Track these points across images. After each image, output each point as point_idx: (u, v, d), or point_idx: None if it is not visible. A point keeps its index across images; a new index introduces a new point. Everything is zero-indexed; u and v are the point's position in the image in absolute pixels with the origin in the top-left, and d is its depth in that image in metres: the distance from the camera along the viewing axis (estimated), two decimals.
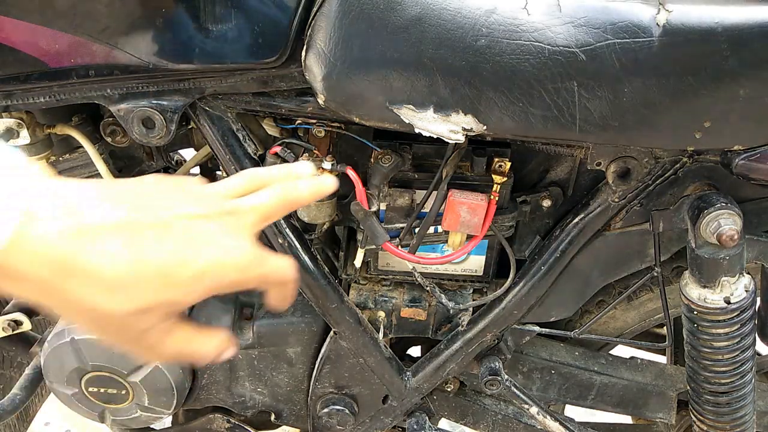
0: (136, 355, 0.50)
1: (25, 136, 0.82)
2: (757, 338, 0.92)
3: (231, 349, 0.54)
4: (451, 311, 0.99)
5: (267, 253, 0.51)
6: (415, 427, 1.06)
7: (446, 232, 0.88)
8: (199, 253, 0.47)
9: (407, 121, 0.71)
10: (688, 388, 0.93)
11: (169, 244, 0.46)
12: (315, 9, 0.69)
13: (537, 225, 0.92)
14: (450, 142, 0.72)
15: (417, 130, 0.72)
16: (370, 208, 0.83)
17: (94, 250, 0.42)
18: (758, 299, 0.93)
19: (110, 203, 0.45)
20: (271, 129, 0.86)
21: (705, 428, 0.93)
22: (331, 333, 0.98)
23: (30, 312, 1.03)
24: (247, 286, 0.51)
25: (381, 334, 0.99)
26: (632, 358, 1.11)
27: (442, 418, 1.14)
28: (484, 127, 0.71)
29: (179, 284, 0.46)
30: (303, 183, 0.57)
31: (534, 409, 1.03)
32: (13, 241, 0.40)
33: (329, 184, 0.60)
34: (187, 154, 1.03)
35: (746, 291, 0.81)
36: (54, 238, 0.41)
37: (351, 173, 0.81)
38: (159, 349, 0.49)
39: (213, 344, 0.52)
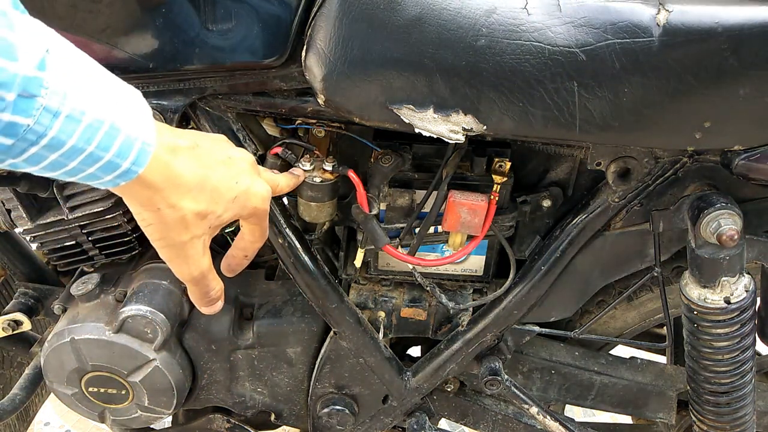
0: (178, 266, 0.66)
1: None
2: (757, 338, 0.92)
3: (220, 304, 0.75)
4: (451, 311, 0.99)
5: None
6: (415, 427, 1.06)
7: (446, 233, 0.88)
8: (239, 181, 0.65)
9: (407, 121, 0.71)
10: (688, 388, 0.93)
11: (219, 171, 0.64)
12: (315, 9, 0.69)
13: (537, 225, 0.92)
14: (450, 142, 0.72)
15: (417, 130, 0.72)
16: (370, 211, 0.83)
17: (180, 163, 0.59)
18: (758, 299, 0.92)
19: (185, 137, 0.61)
20: (271, 129, 0.86)
21: (705, 428, 0.93)
22: (331, 333, 0.98)
23: (30, 312, 1.03)
24: (258, 215, 0.70)
25: (381, 334, 0.99)
26: (632, 358, 1.11)
27: (442, 418, 1.14)
28: (484, 127, 0.71)
29: (223, 201, 0.64)
30: (280, 177, 0.77)
31: (534, 409, 1.03)
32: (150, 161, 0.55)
33: (298, 173, 0.81)
34: None
35: (746, 291, 0.81)
36: (160, 154, 0.56)
37: (352, 176, 0.81)
38: (196, 261, 0.66)
39: (219, 285, 0.72)
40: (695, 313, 0.83)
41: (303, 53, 0.71)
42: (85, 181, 0.53)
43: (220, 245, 1.00)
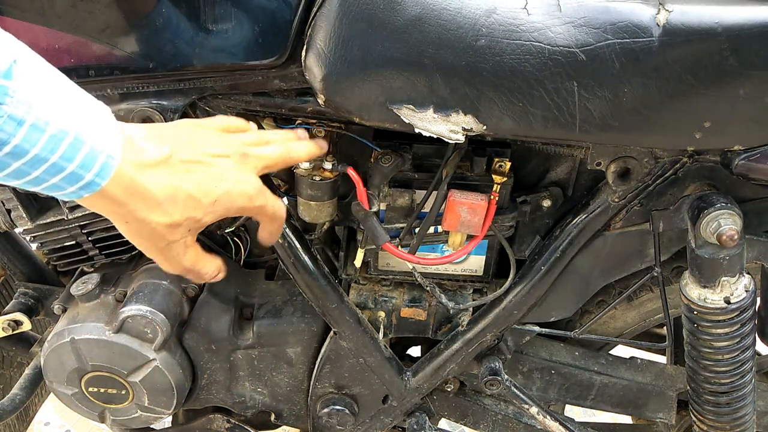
0: (161, 264, 0.65)
1: None
2: (757, 338, 0.92)
3: (222, 273, 0.71)
4: (451, 311, 0.99)
5: (267, 189, 0.67)
6: (415, 427, 1.06)
7: (446, 232, 0.88)
8: (218, 184, 0.62)
9: (407, 121, 0.71)
10: (688, 388, 0.93)
11: (197, 175, 0.61)
12: (315, 9, 0.69)
13: (537, 225, 0.92)
14: (450, 142, 0.72)
15: (417, 130, 0.72)
16: (370, 209, 0.83)
17: (148, 178, 0.57)
18: (758, 299, 0.92)
19: (157, 142, 0.59)
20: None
21: (705, 428, 0.93)
22: (331, 333, 0.98)
23: (30, 312, 1.03)
24: (250, 212, 0.67)
25: (381, 334, 0.99)
26: (632, 358, 1.11)
27: (442, 418, 1.14)
28: (484, 127, 0.71)
29: (202, 207, 0.61)
30: (299, 144, 0.73)
31: (534, 409, 1.03)
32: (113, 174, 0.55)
33: (322, 145, 0.76)
34: None
35: (746, 291, 0.81)
36: (126, 169, 0.55)
37: (352, 173, 0.81)
38: (179, 260, 0.65)
39: (213, 265, 0.70)
40: (695, 313, 0.83)
41: (303, 53, 0.71)
42: (50, 192, 0.53)
43: (220, 245, 1.00)
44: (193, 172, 0.61)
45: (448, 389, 1.08)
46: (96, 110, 0.54)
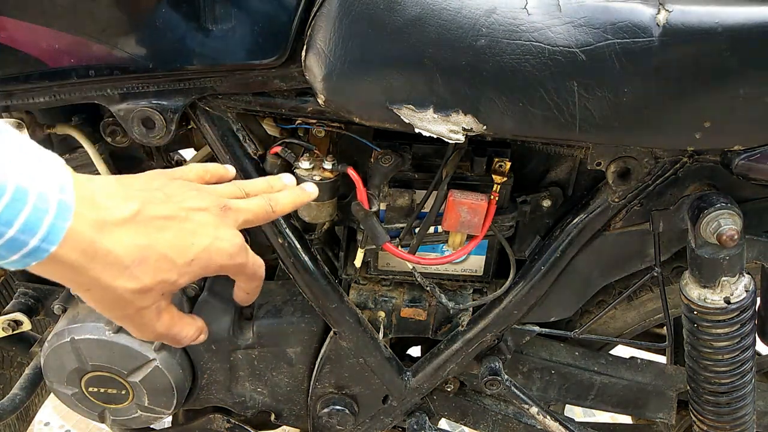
0: (130, 331, 0.58)
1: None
2: (757, 338, 0.92)
3: (203, 336, 0.65)
4: (451, 311, 0.99)
5: (247, 246, 0.61)
6: (415, 427, 1.06)
7: (446, 232, 0.88)
8: (195, 242, 0.55)
9: (407, 121, 0.71)
10: (688, 388, 0.93)
11: (171, 232, 0.54)
12: (315, 9, 0.69)
13: (537, 225, 0.92)
14: (450, 142, 0.72)
15: (417, 130, 0.72)
16: (370, 209, 0.83)
17: (111, 239, 0.50)
18: (758, 299, 0.92)
19: (123, 197, 0.52)
20: (271, 129, 0.86)
21: (705, 428, 0.93)
22: (331, 333, 0.98)
23: (30, 312, 1.03)
24: (229, 271, 0.60)
25: (381, 334, 0.99)
26: (632, 358, 1.10)
27: (442, 418, 1.14)
28: (484, 127, 0.71)
29: (177, 268, 0.54)
30: (282, 195, 0.66)
31: (534, 409, 1.03)
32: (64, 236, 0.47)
33: (310, 191, 0.71)
34: (187, 154, 1.03)
35: (746, 291, 0.81)
36: (82, 230, 0.48)
37: (352, 173, 0.81)
38: (150, 327, 0.57)
39: (192, 328, 0.63)
40: (695, 313, 0.83)
41: (303, 53, 0.71)
42: None
43: None
44: (166, 229, 0.54)
45: (448, 389, 1.08)
46: (43, 163, 0.46)
